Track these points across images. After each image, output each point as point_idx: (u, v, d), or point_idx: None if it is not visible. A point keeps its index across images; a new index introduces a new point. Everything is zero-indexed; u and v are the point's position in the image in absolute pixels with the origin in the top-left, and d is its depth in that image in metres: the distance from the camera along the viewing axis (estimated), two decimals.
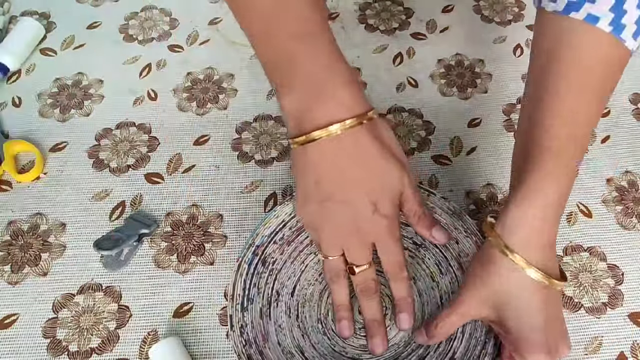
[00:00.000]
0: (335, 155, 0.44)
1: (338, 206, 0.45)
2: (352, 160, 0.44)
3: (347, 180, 0.45)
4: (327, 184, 0.45)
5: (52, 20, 0.74)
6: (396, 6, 0.76)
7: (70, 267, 0.55)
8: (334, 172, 0.45)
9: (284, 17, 0.42)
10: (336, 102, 0.43)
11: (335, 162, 0.44)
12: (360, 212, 0.46)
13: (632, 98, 0.66)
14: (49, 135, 0.64)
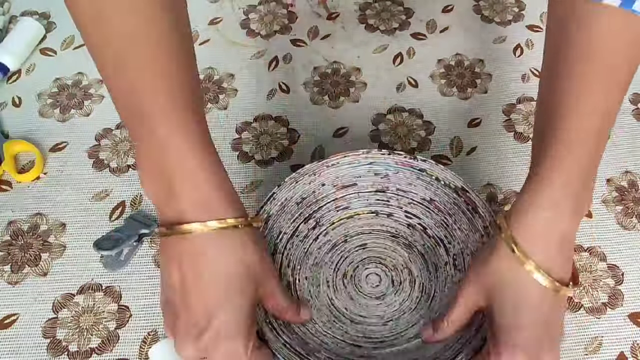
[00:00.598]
0: (185, 253, 0.40)
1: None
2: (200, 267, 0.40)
3: (188, 290, 0.40)
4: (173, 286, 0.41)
5: (52, 20, 0.74)
6: (396, 6, 0.76)
7: (70, 267, 0.55)
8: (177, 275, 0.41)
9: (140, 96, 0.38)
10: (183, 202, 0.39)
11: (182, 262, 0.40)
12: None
13: (632, 98, 0.66)
14: (49, 135, 0.64)
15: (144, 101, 0.38)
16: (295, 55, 0.71)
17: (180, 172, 0.39)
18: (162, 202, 0.40)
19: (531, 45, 0.71)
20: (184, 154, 0.39)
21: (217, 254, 0.40)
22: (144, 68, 0.38)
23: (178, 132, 0.38)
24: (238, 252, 0.40)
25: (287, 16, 0.75)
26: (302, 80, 0.69)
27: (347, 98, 0.67)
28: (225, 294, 0.40)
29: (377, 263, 0.54)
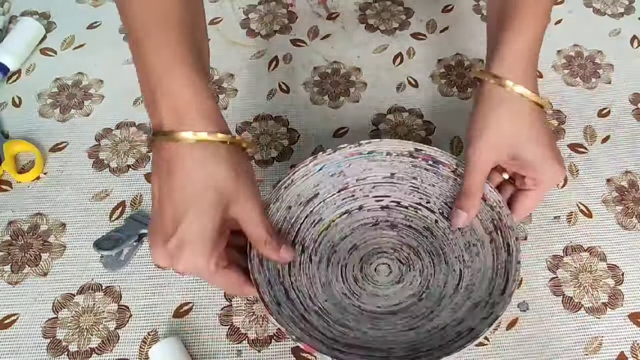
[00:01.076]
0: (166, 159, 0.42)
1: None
2: (175, 175, 0.41)
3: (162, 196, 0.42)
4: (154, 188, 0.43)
5: (52, 20, 0.74)
6: (396, 6, 0.76)
7: (70, 267, 0.55)
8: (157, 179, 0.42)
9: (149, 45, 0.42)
10: (162, 109, 0.42)
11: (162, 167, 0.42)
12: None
13: (632, 98, 0.66)
14: (49, 135, 0.64)
15: (140, 16, 0.42)
16: (295, 55, 0.71)
17: (161, 82, 0.41)
18: (150, 113, 0.42)
19: None
20: (169, 67, 0.41)
21: (190, 164, 0.41)
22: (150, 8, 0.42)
23: (165, 47, 0.41)
24: (209, 165, 0.41)
25: (287, 16, 0.75)
26: (302, 80, 0.69)
27: (347, 98, 0.67)
28: (192, 202, 0.41)
29: (376, 254, 0.54)
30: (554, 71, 0.69)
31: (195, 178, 0.41)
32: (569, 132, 0.63)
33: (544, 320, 0.52)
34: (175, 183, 0.41)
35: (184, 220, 0.41)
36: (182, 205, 0.41)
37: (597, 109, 0.65)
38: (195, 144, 0.41)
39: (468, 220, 0.51)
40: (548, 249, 0.55)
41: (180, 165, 0.41)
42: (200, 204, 0.41)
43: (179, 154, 0.41)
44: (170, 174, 0.41)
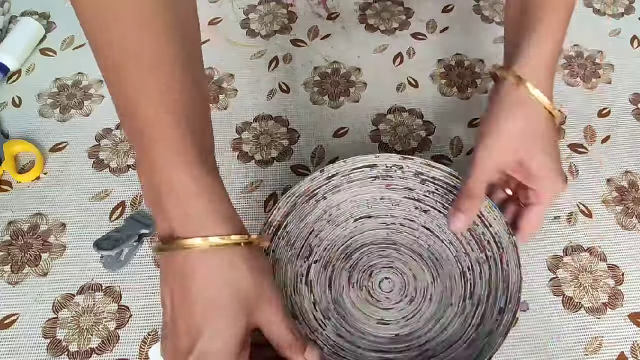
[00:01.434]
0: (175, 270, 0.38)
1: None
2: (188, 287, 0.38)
3: (175, 309, 0.38)
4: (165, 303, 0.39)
5: (52, 20, 0.74)
6: (396, 6, 0.76)
7: (70, 267, 0.55)
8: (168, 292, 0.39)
9: (135, 111, 0.37)
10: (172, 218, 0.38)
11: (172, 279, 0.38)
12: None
13: (632, 98, 0.66)
14: (49, 135, 0.64)
15: (139, 111, 0.37)
16: (295, 55, 0.71)
17: (168, 187, 0.37)
18: (155, 215, 0.39)
19: None
20: (174, 169, 0.37)
21: (206, 273, 0.37)
22: (144, 81, 0.37)
23: (170, 148, 0.37)
24: (225, 273, 0.38)
25: (287, 16, 0.75)
26: (302, 80, 0.69)
27: (347, 98, 0.67)
28: (210, 315, 0.37)
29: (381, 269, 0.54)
30: None
31: (217, 286, 0.37)
32: (569, 132, 0.63)
33: (544, 320, 0.52)
34: (192, 292, 0.37)
35: (201, 337, 0.37)
36: (198, 317, 0.37)
37: (597, 109, 0.65)
38: (209, 249, 0.37)
39: (466, 224, 0.49)
40: (548, 249, 0.55)
41: (200, 273, 0.37)
42: (218, 317, 0.37)
43: (197, 261, 0.37)
44: (186, 283, 0.37)
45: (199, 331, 0.37)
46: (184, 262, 0.37)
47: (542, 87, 0.47)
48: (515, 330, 0.51)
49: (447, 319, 0.51)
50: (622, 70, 0.68)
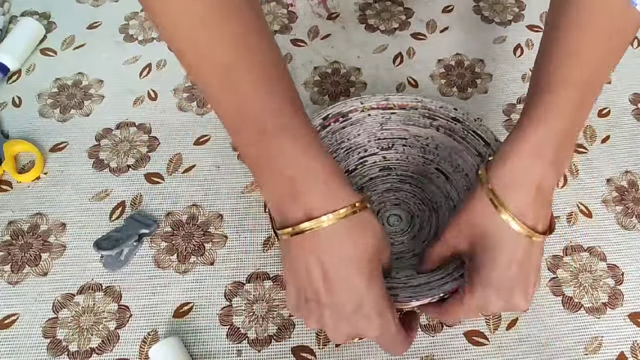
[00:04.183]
0: (319, 247, 0.41)
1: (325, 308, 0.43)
2: (336, 257, 0.41)
3: (331, 280, 0.41)
4: (314, 282, 0.42)
5: (52, 20, 0.74)
6: (396, 6, 0.76)
7: (70, 267, 0.55)
8: (318, 269, 0.41)
9: (252, 111, 0.40)
10: (311, 198, 0.40)
11: (319, 256, 0.41)
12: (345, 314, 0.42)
13: (632, 98, 0.66)
14: (49, 135, 0.64)
15: (253, 109, 0.40)
16: (296, 55, 0.71)
17: (300, 171, 0.40)
18: (286, 202, 0.41)
19: (531, 45, 0.71)
20: (300, 153, 0.40)
21: (351, 239, 0.41)
22: (251, 79, 0.39)
23: (290, 134, 0.40)
24: (368, 234, 0.42)
25: (287, 16, 0.75)
26: (303, 80, 0.69)
27: (347, 98, 0.67)
28: (368, 273, 0.41)
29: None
30: None
31: (360, 250, 0.41)
32: None
33: (544, 320, 0.52)
34: (344, 258, 0.41)
35: (365, 291, 0.41)
36: (358, 277, 0.41)
37: (597, 109, 0.65)
38: (345, 218, 0.40)
39: (421, 270, 0.51)
40: (548, 249, 0.55)
41: (343, 241, 0.41)
42: (372, 268, 0.42)
43: (338, 231, 0.40)
44: (333, 253, 0.41)
45: (362, 292, 0.41)
46: (326, 235, 0.40)
47: (519, 203, 0.42)
48: (515, 330, 0.51)
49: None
50: (622, 70, 0.68)
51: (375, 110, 0.57)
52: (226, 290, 0.54)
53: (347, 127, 0.57)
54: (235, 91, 0.39)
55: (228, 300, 0.53)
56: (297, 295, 0.43)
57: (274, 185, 0.41)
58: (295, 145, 0.40)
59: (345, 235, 0.41)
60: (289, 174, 0.40)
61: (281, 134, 0.40)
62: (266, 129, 0.40)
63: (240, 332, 0.51)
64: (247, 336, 0.51)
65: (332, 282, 0.41)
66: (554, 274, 0.54)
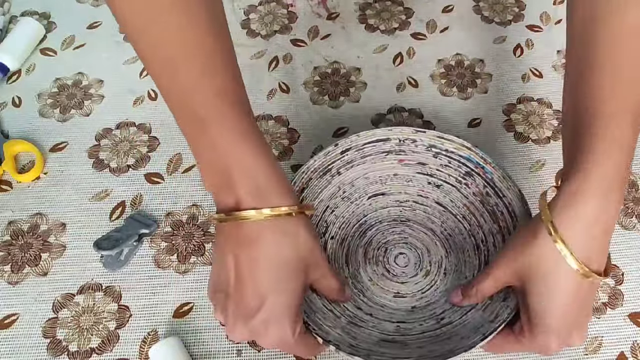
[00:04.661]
0: (238, 240, 0.41)
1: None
2: (250, 254, 0.41)
3: (241, 276, 0.42)
4: (227, 274, 0.42)
5: (52, 20, 0.74)
6: (396, 6, 0.76)
7: (70, 267, 0.55)
8: (232, 262, 0.42)
9: (190, 100, 0.41)
10: (241, 190, 0.41)
11: (235, 248, 0.42)
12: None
13: None
14: (49, 135, 0.64)
15: (195, 101, 0.40)
16: (296, 55, 0.71)
17: (236, 164, 0.41)
18: (220, 190, 0.42)
19: (531, 45, 0.71)
20: (238, 147, 0.41)
21: (271, 240, 0.41)
22: (192, 70, 0.40)
23: (231, 128, 0.41)
24: (291, 239, 0.42)
25: (287, 16, 0.75)
26: (302, 80, 0.69)
27: (347, 98, 0.67)
28: (277, 278, 0.41)
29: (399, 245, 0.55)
30: (554, 71, 0.69)
31: (278, 253, 0.41)
32: None
33: None
34: (259, 259, 0.41)
35: (269, 298, 0.41)
36: (266, 281, 0.41)
37: None
38: (278, 218, 0.41)
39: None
40: None
41: (267, 241, 0.41)
42: (285, 279, 0.41)
43: (264, 230, 0.41)
44: (250, 249, 0.41)
45: (266, 292, 0.41)
46: (248, 231, 0.41)
47: (581, 245, 0.41)
48: None
49: None
50: None
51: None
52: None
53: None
54: (175, 80, 0.40)
55: None
56: (215, 281, 0.44)
57: (211, 171, 0.42)
58: (230, 136, 0.41)
59: (266, 236, 0.41)
60: (225, 162, 0.41)
61: (218, 123, 0.41)
62: (205, 118, 0.40)
63: None
64: None
65: (241, 278, 0.41)
66: None
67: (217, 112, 0.41)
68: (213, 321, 0.52)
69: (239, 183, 0.41)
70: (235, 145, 0.41)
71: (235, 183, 0.41)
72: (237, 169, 0.41)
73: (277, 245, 0.41)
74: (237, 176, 0.41)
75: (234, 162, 0.41)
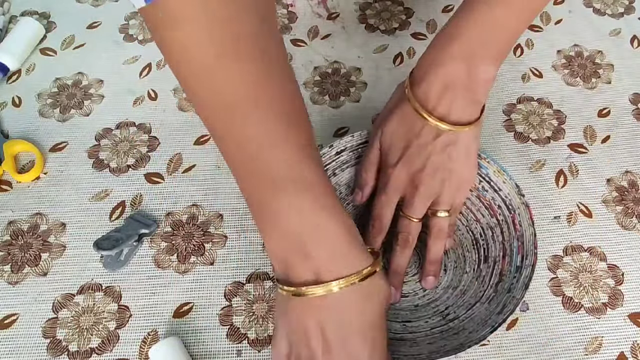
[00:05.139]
0: (323, 312, 0.40)
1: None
2: (340, 324, 0.40)
3: (331, 348, 0.40)
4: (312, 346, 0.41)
5: (52, 20, 0.74)
6: (396, 6, 0.76)
7: (70, 267, 0.55)
8: (318, 334, 0.40)
9: (260, 159, 0.37)
10: (321, 261, 0.39)
11: (321, 321, 0.40)
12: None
13: (632, 98, 0.66)
14: (49, 135, 0.64)
15: (261, 157, 0.37)
16: (296, 55, 0.71)
17: (309, 229, 0.38)
18: (293, 259, 0.39)
19: (531, 45, 0.71)
20: (310, 209, 0.38)
21: (358, 307, 0.40)
22: (260, 122, 0.36)
23: (300, 187, 0.38)
24: (375, 300, 0.41)
25: (287, 16, 0.75)
26: (303, 80, 0.69)
27: (348, 98, 0.67)
28: (371, 342, 0.40)
29: None
30: (554, 71, 0.69)
31: (367, 312, 0.40)
32: (569, 132, 0.63)
33: (544, 320, 0.52)
34: (350, 322, 0.40)
35: (376, 348, 0.41)
36: (361, 344, 0.40)
37: (597, 109, 0.65)
38: (351, 286, 0.39)
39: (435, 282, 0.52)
40: (548, 249, 0.55)
41: (349, 305, 0.39)
42: (378, 335, 0.41)
43: (347, 294, 0.39)
44: (341, 315, 0.40)
45: (361, 355, 0.40)
46: (332, 301, 0.39)
47: (434, 100, 0.46)
48: (515, 330, 0.51)
49: (464, 284, 0.52)
50: (622, 70, 0.68)
51: None
52: (226, 290, 0.54)
53: None
54: (243, 135, 0.36)
55: (228, 300, 0.53)
56: (288, 349, 0.42)
57: (279, 240, 0.39)
58: (305, 200, 0.37)
59: (353, 303, 0.39)
60: (297, 230, 0.38)
61: (290, 187, 0.37)
62: (275, 180, 0.37)
63: (240, 332, 0.51)
64: (247, 336, 0.51)
65: (332, 350, 0.40)
66: (554, 274, 0.54)
67: (291, 174, 0.37)
68: (213, 321, 0.52)
69: (318, 252, 0.38)
70: (310, 211, 0.38)
71: (312, 253, 0.38)
72: (312, 237, 0.38)
73: (364, 309, 0.40)
74: (313, 245, 0.38)
75: (309, 231, 0.38)
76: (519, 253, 0.49)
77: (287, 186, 0.37)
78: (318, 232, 0.38)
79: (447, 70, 0.45)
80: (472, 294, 0.51)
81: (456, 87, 0.46)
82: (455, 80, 0.46)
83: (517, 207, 0.51)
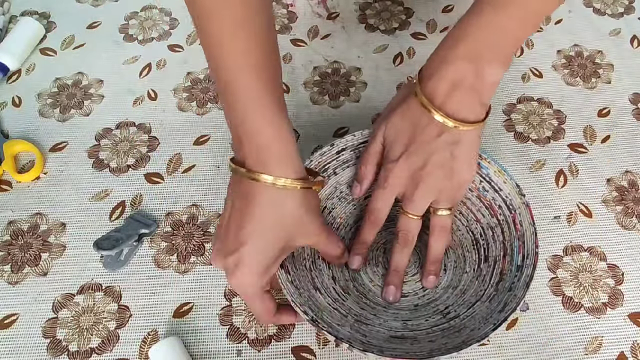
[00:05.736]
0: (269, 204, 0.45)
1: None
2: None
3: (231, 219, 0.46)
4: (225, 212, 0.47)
5: (52, 20, 0.74)
6: (396, 6, 0.76)
7: (70, 267, 0.55)
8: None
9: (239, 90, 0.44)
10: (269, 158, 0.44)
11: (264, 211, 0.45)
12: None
13: (632, 98, 0.66)
14: (49, 135, 0.64)
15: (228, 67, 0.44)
16: (296, 55, 0.71)
17: (248, 131, 0.44)
18: (235, 147, 0.46)
19: (531, 45, 0.71)
20: (255, 114, 0.44)
21: (263, 201, 0.44)
22: (233, 37, 0.43)
23: (255, 97, 0.44)
24: (281, 207, 0.45)
25: (287, 16, 0.75)
26: (302, 80, 0.69)
27: (347, 98, 0.67)
28: (259, 234, 0.44)
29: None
30: (554, 71, 0.69)
31: (267, 215, 0.44)
32: (569, 132, 0.63)
33: (544, 320, 0.52)
34: (248, 213, 0.44)
35: (247, 243, 0.44)
36: (249, 231, 0.44)
37: (597, 109, 0.65)
38: (272, 186, 0.44)
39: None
40: (548, 249, 0.55)
41: (257, 201, 0.44)
42: (265, 236, 0.45)
43: (257, 191, 0.44)
44: (245, 204, 0.45)
45: (244, 241, 0.44)
46: (246, 188, 0.45)
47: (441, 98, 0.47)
48: (515, 330, 0.51)
49: (464, 284, 0.52)
50: (622, 70, 0.68)
51: None
52: (226, 290, 0.54)
53: None
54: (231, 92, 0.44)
55: (228, 300, 0.53)
56: (221, 215, 0.48)
57: (232, 128, 0.45)
58: (252, 103, 0.44)
59: (258, 200, 0.44)
60: (240, 127, 0.44)
61: (256, 107, 0.44)
62: (232, 81, 0.44)
63: (240, 332, 0.51)
64: (247, 336, 0.51)
65: (231, 222, 0.45)
66: (554, 274, 0.54)
67: (247, 82, 0.44)
68: (213, 321, 0.52)
69: (246, 146, 0.44)
70: (252, 112, 0.44)
71: (243, 144, 0.44)
72: (248, 135, 0.44)
73: (267, 207, 0.44)
74: (247, 141, 0.44)
75: (243, 121, 0.44)
76: (520, 252, 0.49)
77: (239, 89, 0.44)
78: (253, 132, 0.44)
79: (456, 69, 0.46)
80: (472, 293, 0.50)
81: (464, 86, 0.47)
82: (463, 80, 0.46)
83: (517, 207, 0.51)
